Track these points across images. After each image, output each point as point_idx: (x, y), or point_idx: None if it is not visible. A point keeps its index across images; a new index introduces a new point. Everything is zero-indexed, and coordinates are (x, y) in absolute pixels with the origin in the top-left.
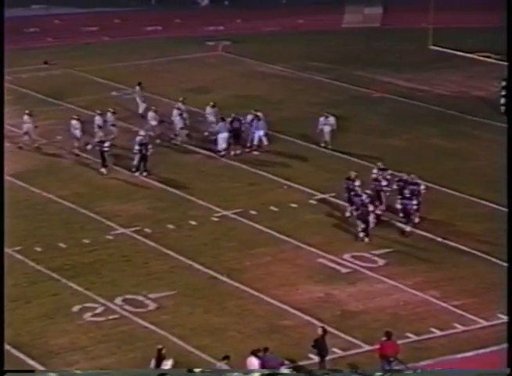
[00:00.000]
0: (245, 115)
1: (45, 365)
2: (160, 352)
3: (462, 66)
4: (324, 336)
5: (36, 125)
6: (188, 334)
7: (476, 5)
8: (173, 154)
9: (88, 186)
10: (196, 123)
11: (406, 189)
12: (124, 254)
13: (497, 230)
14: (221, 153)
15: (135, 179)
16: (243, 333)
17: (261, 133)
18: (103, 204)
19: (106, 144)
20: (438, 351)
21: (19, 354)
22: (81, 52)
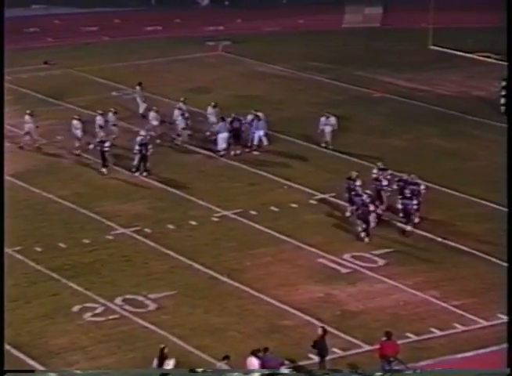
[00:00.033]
0: (245, 115)
1: (45, 365)
2: (163, 352)
3: (462, 66)
4: (324, 336)
5: (37, 125)
6: (188, 334)
7: (476, 5)
8: (173, 154)
9: (88, 186)
10: (196, 123)
11: (407, 189)
12: (124, 254)
13: (497, 230)
14: (221, 153)
15: (135, 179)
16: (243, 333)
17: (261, 133)
18: (103, 204)
19: (107, 144)
20: (438, 351)
21: (19, 354)
22: (81, 52)
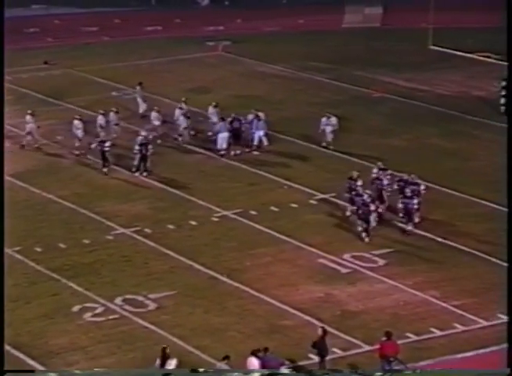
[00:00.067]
0: (245, 115)
1: (45, 365)
2: (165, 352)
3: (462, 66)
4: (324, 336)
5: (38, 125)
6: (188, 334)
7: (476, 5)
8: (173, 154)
9: (88, 186)
10: (196, 123)
11: (407, 188)
12: (124, 254)
13: (497, 230)
14: (221, 153)
15: (135, 179)
16: (243, 333)
17: (261, 133)
18: (103, 204)
19: (107, 144)
20: (438, 351)
21: (19, 354)
22: (81, 52)
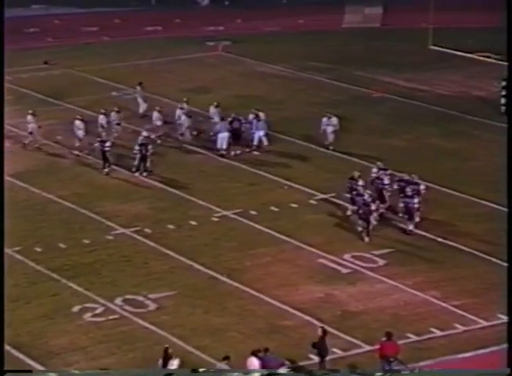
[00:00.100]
0: (245, 115)
1: (45, 365)
2: (167, 352)
3: (462, 66)
4: (324, 336)
5: (39, 125)
6: (188, 334)
7: (476, 5)
8: (173, 154)
9: (88, 186)
10: (196, 123)
11: (408, 187)
12: (124, 254)
13: (497, 230)
14: (221, 153)
15: (135, 179)
16: (243, 333)
17: (261, 133)
18: (103, 204)
19: (108, 144)
20: (438, 351)
21: (19, 354)
22: (81, 52)
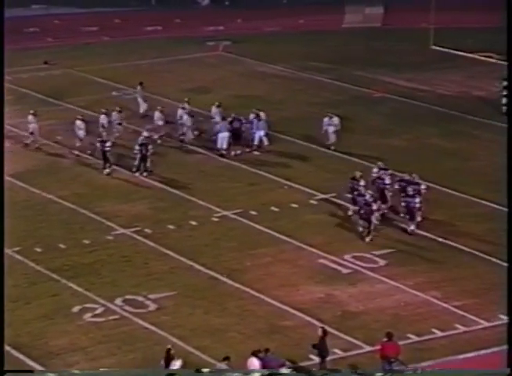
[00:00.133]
0: (245, 115)
1: (45, 366)
2: (169, 353)
3: (463, 66)
4: (324, 337)
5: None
6: (188, 334)
7: (477, 4)
8: (173, 154)
9: (88, 187)
10: (196, 123)
11: (409, 187)
12: (124, 254)
13: (497, 230)
14: (221, 152)
15: (135, 179)
16: (243, 334)
17: (262, 133)
18: (103, 205)
19: (108, 144)
20: (439, 352)
21: (19, 355)
22: (81, 52)
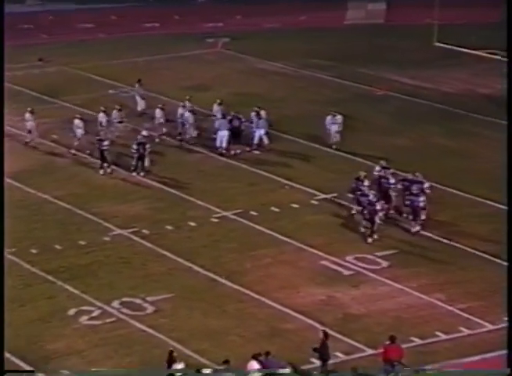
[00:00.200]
0: (245, 113)
1: (41, 370)
2: (172, 355)
3: (467, 63)
4: (326, 340)
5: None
6: (186, 337)
7: (481, 0)
8: (172, 153)
9: (84, 186)
10: (196, 121)
11: (413, 186)
12: (122, 255)
13: (503, 231)
14: (221, 151)
15: (132, 179)
16: (243, 337)
17: (262, 132)
18: (100, 205)
19: (106, 143)
20: (443, 355)
21: (14, 359)
22: (77, 49)
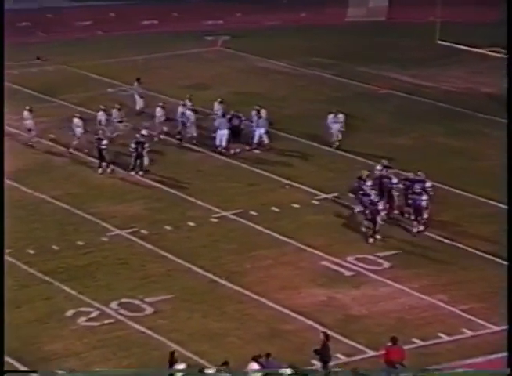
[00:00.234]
0: (245, 112)
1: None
2: (173, 356)
3: (469, 61)
4: (327, 341)
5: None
6: (186, 339)
7: None
8: (171, 153)
9: (82, 186)
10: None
11: (416, 184)
12: (120, 256)
13: (505, 232)
14: (220, 150)
15: (131, 178)
16: (243, 338)
17: (262, 131)
18: (98, 205)
19: (104, 142)
20: (445, 356)
21: (11, 360)
22: (75, 47)
